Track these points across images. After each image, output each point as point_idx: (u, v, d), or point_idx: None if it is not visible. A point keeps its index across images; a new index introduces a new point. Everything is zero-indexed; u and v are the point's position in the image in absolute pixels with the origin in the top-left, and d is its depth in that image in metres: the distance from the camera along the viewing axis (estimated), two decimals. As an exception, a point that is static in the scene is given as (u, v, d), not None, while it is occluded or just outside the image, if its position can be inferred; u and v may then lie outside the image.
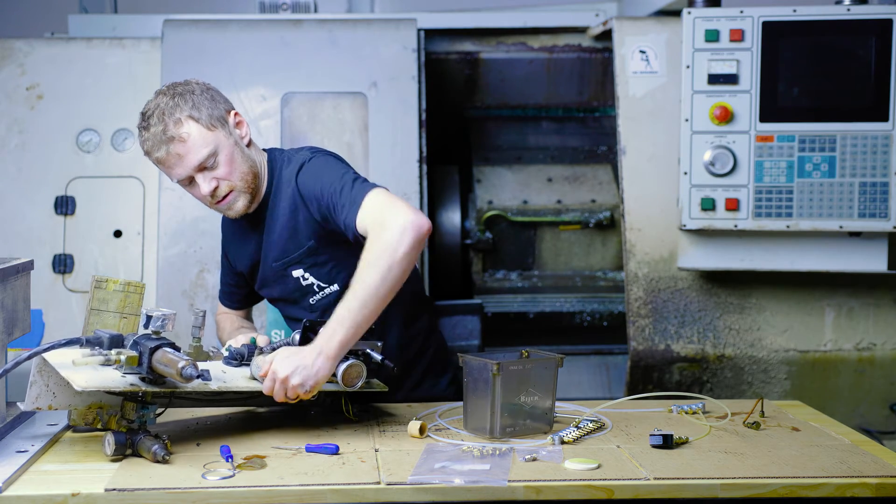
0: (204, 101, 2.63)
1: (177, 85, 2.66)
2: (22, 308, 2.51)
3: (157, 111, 2.60)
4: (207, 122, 2.61)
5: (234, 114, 2.69)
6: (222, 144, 2.62)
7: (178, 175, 2.62)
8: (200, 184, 2.62)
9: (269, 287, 2.81)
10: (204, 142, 2.59)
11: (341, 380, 2.40)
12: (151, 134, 2.59)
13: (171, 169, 2.62)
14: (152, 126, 2.59)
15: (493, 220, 4.18)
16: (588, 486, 2.08)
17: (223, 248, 2.95)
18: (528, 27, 4.20)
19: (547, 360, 2.44)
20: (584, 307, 4.11)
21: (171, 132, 2.57)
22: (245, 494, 2.03)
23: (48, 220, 3.80)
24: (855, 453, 2.30)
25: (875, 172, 3.37)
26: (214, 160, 2.61)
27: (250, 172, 2.67)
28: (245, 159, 2.67)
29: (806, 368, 3.65)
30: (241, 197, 2.67)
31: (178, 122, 2.58)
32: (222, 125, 2.64)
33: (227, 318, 2.98)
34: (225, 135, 2.64)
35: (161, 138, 2.58)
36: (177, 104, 2.60)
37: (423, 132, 3.83)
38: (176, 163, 2.60)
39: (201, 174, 2.62)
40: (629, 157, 3.68)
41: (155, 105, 2.61)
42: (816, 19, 3.38)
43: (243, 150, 2.68)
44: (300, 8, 4.31)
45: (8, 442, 2.31)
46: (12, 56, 3.87)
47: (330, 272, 2.71)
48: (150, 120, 2.60)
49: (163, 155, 2.59)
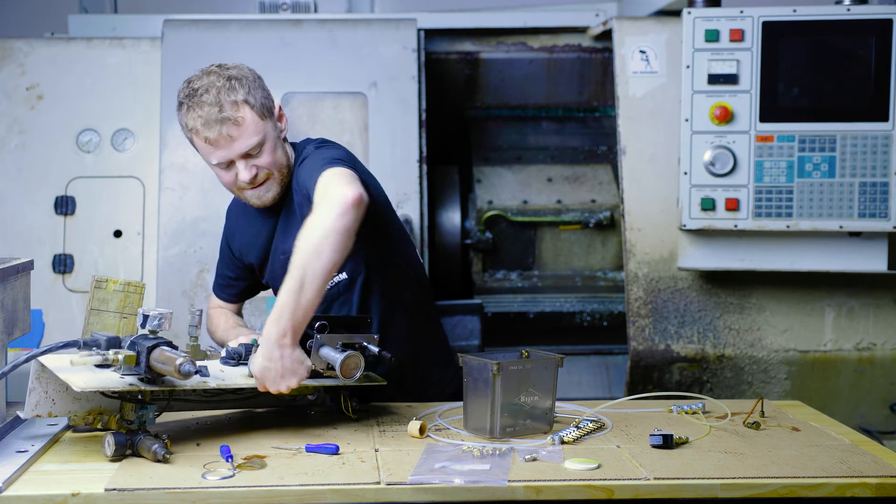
0: (258, 89, 2.60)
1: (228, 67, 2.60)
2: (22, 308, 2.51)
3: (213, 89, 2.53)
4: (260, 111, 2.58)
5: (278, 107, 2.68)
6: (269, 135, 2.60)
7: (222, 157, 2.58)
8: (241, 170, 2.59)
9: (277, 279, 2.76)
10: (255, 129, 2.56)
11: (340, 372, 2.40)
12: (206, 112, 2.52)
13: (216, 150, 2.57)
14: (206, 105, 2.52)
15: (493, 220, 4.18)
16: (588, 486, 2.08)
17: (226, 238, 2.91)
18: (528, 27, 4.21)
19: (547, 360, 2.44)
20: (584, 307, 4.11)
21: (227, 113, 2.52)
22: (245, 494, 2.03)
23: (48, 220, 3.80)
24: (855, 453, 2.30)
25: (875, 172, 3.37)
26: (260, 149, 2.58)
27: (286, 166, 2.66)
28: (283, 153, 2.66)
29: (806, 368, 3.65)
30: (274, 187, 2.65)
31: (234, 105, 2.53)
32: (270, 116, 2.62)
33: (221, 315, 2.94)
34: (272, 126, 2.62)
35: (216, 118, 2.52)
36: (233, 87, 2.55)
37: (423, 132, 3.84)
38: (225, 145, 2.55)
39: (243, 161, 2.58)
40: (629, 157, 3.68)
41: (209, 83, 2.54)
42: (816, 19, 3.38)
43: (283, 144, 2.67)
44: (300, 8, 4.31)
45: (8, 442, 2.31)
46: (12, 56, 3.87)
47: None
48: (203, 97, 2.53)
49: (214, 135, 2.53)
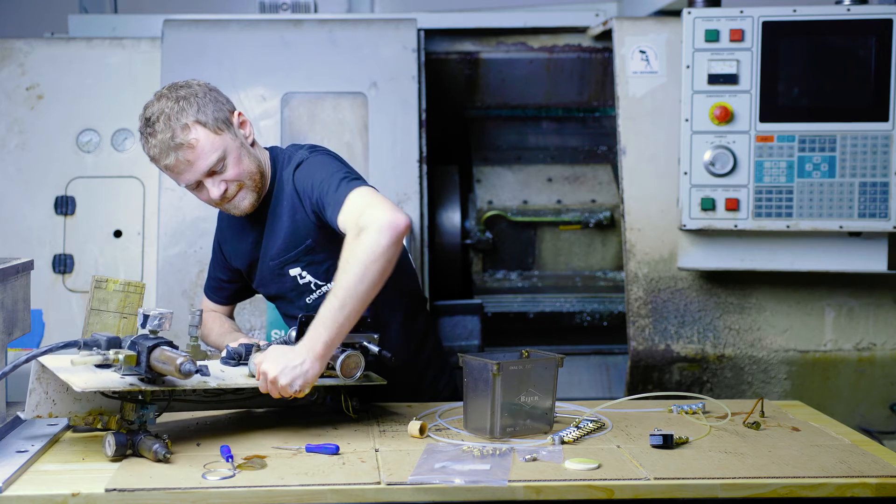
0: (208, 104, 2.57)
1: (178, 87, 2.59)
2: (22, 308, 2.51)
3: (162, 116, 2.52)
4: (214, 126, 2.56)
5: (237, 114, 2.65)
6: (230, 147, 2.58)
7: (188, 180, 2.58)
8: (210, 188, 2.58)
9: (267, 285, 2.80)
10: (212, 146, 2.55)
11: (340, 371, 2.41)
12: (159, 141, 2.52)
13: (179, 175, 2.57)
14: (159, 133, 2.52)
15: (493, 220, 4.18)
16: (588, 486, 2.08)
17: (217, 241, 2.91)
18: (528, 27, 4.20)
19: (547, 360, 2.44)
20: (584, 307, 4.11)
21: (179, 139, 2.51)
22: (245, 494, 2.03)
23: (48, 220, 3.80)
24: (855, 453, 2.30)
25: (875, 172, 3.37)
26: (223, 164, 2.57)
27: (257, 172, 2.64)
28: (252, 159, 2.64)
29: (806, 368, 3.65)
30: (249, 195, 2.64)
31: (185, 128, 2.52)
32: (228, 127, 2.59)
33: (214, 319, 2.93)
34: (231, 137, 2.59)
35: (169, 145, 2.52)
36: (182, 108, 2.53)
37: (423, 132, 3.83)
38: (185, 169, 2.55)
39: (210, 179, 2.58)
40: (629, 157, 3.68)
41: (159, 110, 2.54)
42: (816, 19, 3.38)
43: (249, 150, 2.64)
44: (300, 8, 4.32)
45: (8, 442, 2.31)
46: (12, 56, 3.87)
47: (327, 271, 2.68)
48: (155, 126, 2.53)
49: (171, 162, 2.54)
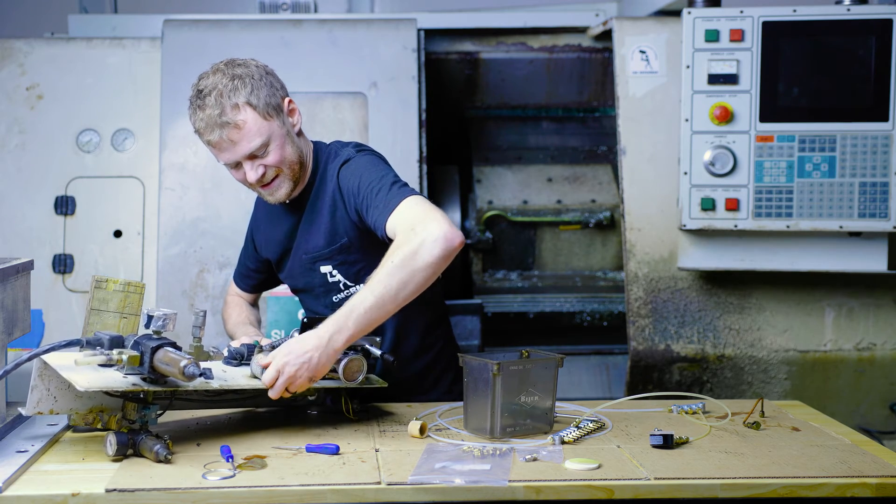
0: (262, 87, 2.55)
1: (236, 64, 2.57)
2: (22, 308, 2.51)
3: (214, 91, 2.51)
4: (264, 111, 2.54)
5: (288, 101, 2.63)
6: (275, 134, 2.56)
7: (227, 159, 2.57)
8: (248, 171, 2.57)
9: (295, 278, 2.77)
10: (258, 131, 2.53)
11: (342, 374, 2.41)
12: (207, 115, 2.51)
13: (220, 152, 2.57)
14: (208, 107, 2.51)
15: (493, 220, 4.18)
16: (588, 486, 2.08)
17: (250, 229, 2.90)
18: (528, 27, 4.20)
19: (547, 360, 2.44)
20: (584, 307, 4.11)
21: (227, 117, 2.50)
22: (245, 495, 2.03)
23: (48, 220, 3.80)
24: (855, 453, 2.30)
25: (875, 172, 3.37)
26: (266, 150, 2.56)
27: (297, 162, 2.63)
28: (294, 148, 2.62)
29: (806, 368, 3.65)
30: (285, 184, 2.63)
31: (235, 108, 2.51)
32: (277, 114, 2.58)
33: (235, 305, 2.93)
34: (279, 124, 2.58)
35: (216, 121, 2.51)
36: (236, 87, 2.51)
37: (423, 132, 3.83)
38: (227, 148, 2.54)
39: (250, 161, 2.57)
40: (629, 157, 3.68)
41: (213, 84, 2.52)
42: (816, 19, 3.38)
43: (294, 139, 2.63)
44: (300, 8, 4.31)
45: (8, 442, 2.31)
46: (12, 56, 3.87)
47: (358, 272, 2.66)
48: (206, 99, 2.51)
49: (215, 138, 2.53)
